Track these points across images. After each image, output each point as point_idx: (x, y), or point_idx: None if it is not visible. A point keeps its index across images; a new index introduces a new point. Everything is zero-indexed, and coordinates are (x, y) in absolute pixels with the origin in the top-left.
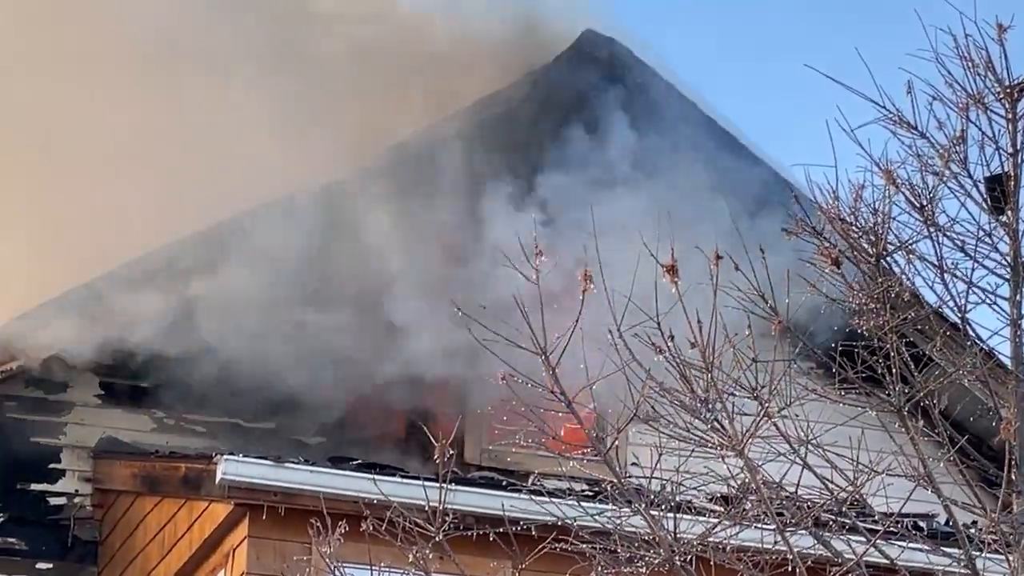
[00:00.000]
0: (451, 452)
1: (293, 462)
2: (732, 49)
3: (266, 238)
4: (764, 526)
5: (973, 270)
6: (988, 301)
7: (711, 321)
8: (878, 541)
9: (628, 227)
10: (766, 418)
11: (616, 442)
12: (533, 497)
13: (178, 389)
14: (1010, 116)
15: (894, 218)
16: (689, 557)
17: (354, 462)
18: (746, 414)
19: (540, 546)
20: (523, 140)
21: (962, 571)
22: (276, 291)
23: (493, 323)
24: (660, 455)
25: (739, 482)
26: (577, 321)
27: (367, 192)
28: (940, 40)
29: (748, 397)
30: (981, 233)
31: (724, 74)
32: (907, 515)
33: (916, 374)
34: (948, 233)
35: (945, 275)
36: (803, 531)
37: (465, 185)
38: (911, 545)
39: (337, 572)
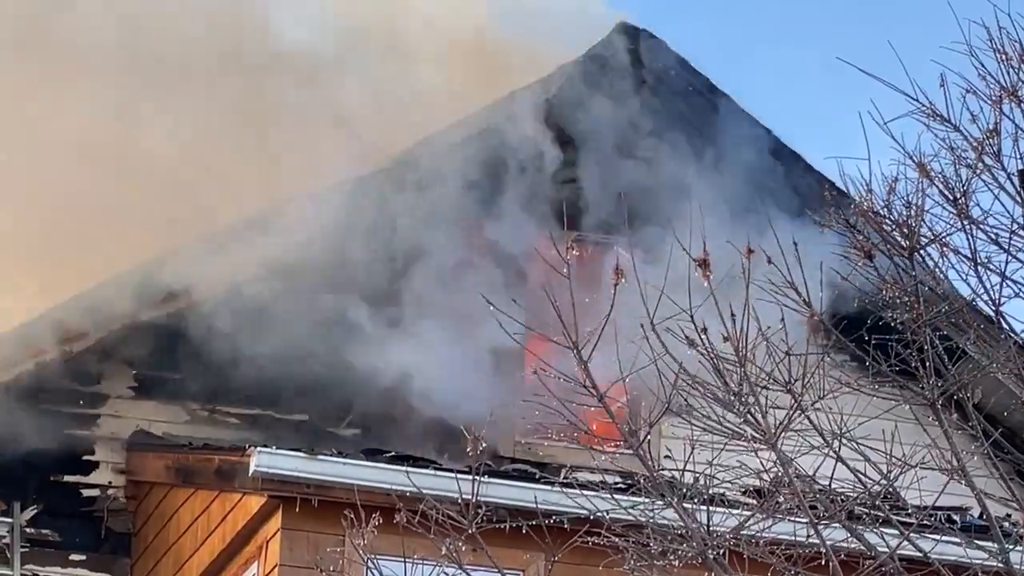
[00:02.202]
0: (484, 445)
1: (326, 454)
2: (762, 41)
3: (300, 227)
4: (797, 519)
5: (1007, 263)
6: (1022, 295)
7: (744, 314)
8: (911, 534)
9: (665, 219)
10: (799, 411)
11: (649, 435)
12: (565, 490)
13: (211, 381)
14: None
15: (927, 211)
16: (722, 550)
17: (387, 454)
18: (778, 407)
19: (572, 539)
20: (558, 134)
21: (996, 565)
22: (308, 281)
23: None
24: (693, 448)
25: (772, 475)
26: (609, 314)
27: (410, 182)
28: (973, 33)
29: (781, 390)
30: (1015, 226)
31: (754, 67)
32: (941, 508)
33: (950, 367)
34: (982, 226)
35: (979, 268)
36: (836, 524)
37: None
38: (945, 538)
39: (370, 564)
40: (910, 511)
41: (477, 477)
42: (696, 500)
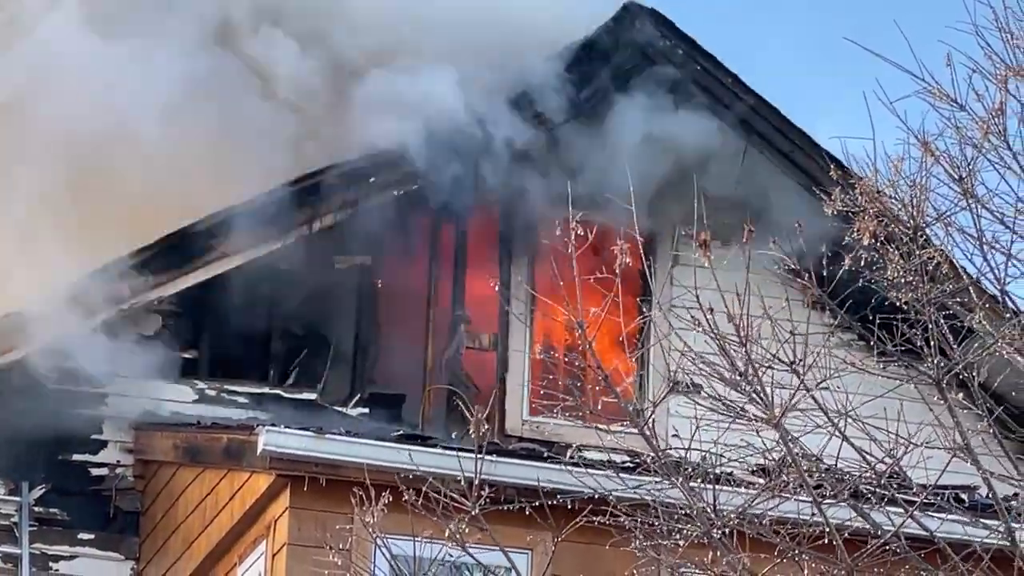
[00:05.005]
0: (486, 427)
1: (335, 433)
2: (770, 21)
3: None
4: (803, 498)
5: (1012, 242)
6: None
7: (746, 294)
8: (916, 513)
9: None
10: (804, 390)
11: (654, 414)
12: (572, 469)
13: (219, 359)
14: None
15: (933, 190)
16: (728, 529)
17: (395, 433)
18: (785, 387)
19: (578, 519)
20: (567, 114)
21: (1001, 543)
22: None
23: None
24: (699, 427)
25: (778, 455)
26: (614, 294)
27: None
28: (979, 12)
29: (786, 370)
30: (1020, 205)
31: (761, 46)
32: (946, 487)
33: (955, 346)
34: (987, 205)
35: (984, 247)
36: (842, 503)
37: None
38: (950, 517)
39: (378, 543)
40: (915, 490)
41: (480, 455)
42: (702, 479)
